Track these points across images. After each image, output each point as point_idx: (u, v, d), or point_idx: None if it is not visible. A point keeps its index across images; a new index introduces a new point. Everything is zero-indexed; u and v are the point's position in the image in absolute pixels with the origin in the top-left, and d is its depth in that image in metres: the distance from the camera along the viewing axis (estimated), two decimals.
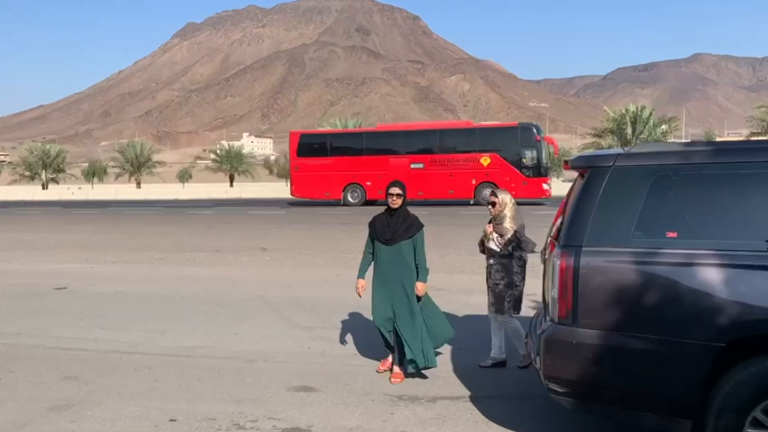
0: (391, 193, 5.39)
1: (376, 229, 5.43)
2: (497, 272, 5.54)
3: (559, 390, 3.70)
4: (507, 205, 5.56)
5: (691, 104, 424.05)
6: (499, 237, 5.53)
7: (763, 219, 3.38)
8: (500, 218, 5.55)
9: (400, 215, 5.39)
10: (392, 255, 5.34)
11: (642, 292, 3.44)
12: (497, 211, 5.56)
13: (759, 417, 3.26)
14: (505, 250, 5.49)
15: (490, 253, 5.61)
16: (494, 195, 5.63)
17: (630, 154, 3.71)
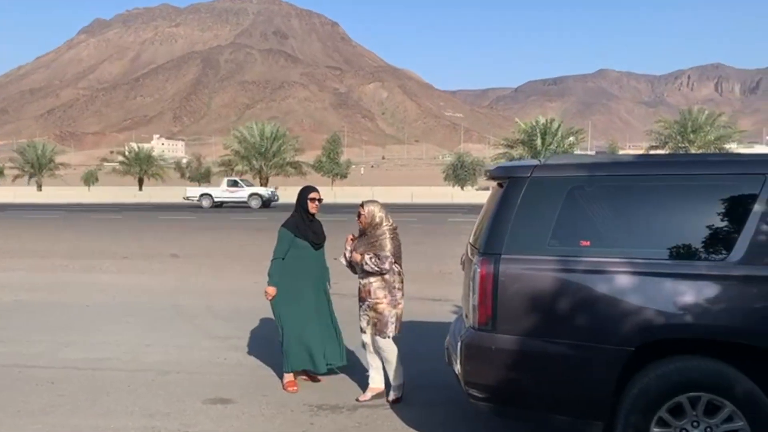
0: (312, 198, 5.44)
1: (304, 234, 5.37)
2: (379, 289, 5.00)
3: (478, 395, 3.76)
4: (375, 216, 5.08)
5: (596, 117, 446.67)
6: (372, 253, 4.97)
7: (665, 229, 3.58)
8: (372, 231, 5.06)
9: (316, 219, 5.50)
10: (317, 259, 5.44)
11: (557, 298, 3.55)
12: (365, 223, 5.08)
13: (664, 417, 3.44)
14: (381, 266, 4.93)
15: (364, 269, 5.04)
16: (362, 206, 5.16)
17: (546, 165, 3.84)
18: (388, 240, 4.98)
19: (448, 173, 47.68)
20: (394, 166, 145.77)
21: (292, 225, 5.42)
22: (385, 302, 4.98)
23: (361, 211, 5.09)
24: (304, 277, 5.36)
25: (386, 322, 4.96)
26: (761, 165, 3.61)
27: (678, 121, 41.27)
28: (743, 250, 3.39)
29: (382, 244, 4.97)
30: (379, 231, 5.02)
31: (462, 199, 39.50)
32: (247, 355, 6.33)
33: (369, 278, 5.03)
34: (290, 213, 5.52)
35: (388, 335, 4.97)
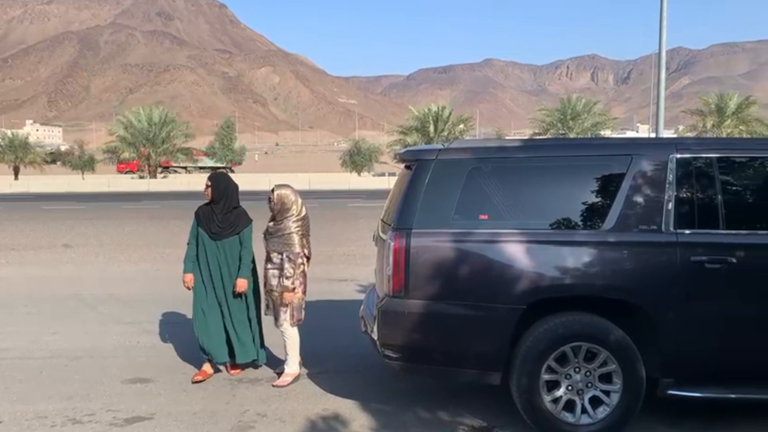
0: (206, 185, 5.19)
1: (204, 222, 5.19)
2: (274, 278, 5.06)
3: (393, 355, 4.18)
4: (286, 202, 5.06)
5: (483, 105, 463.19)
6: (280, 238, 5.03)
7: (550, 203, 4.14)
8: (281, 217, 5.06)
9: (223, 208, 5.15)
10: (218, 250, 5.15)
11: (460, 266, 4.03)
12: (275, 209, 5.08)
13: (552, 365, 4.01)
14: (287, 251, 5.00)
15: (270, 259, 5.10)
16: (272, 191, 5.11)
17: (449, 149, 4.29)
18: (296, 236, 5.00)
19: (345, 159, 48.03)
20: (289, 152, 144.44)
21: (199, 211, 5.28)
22: (281, 289, 5.02)
23: (271, 196, 5.08)
24: (205, 267, 5.17)
25: (279, 312, 5.07)
26: (628, 147, 4.25)
27: (558, 109, 43.93)
28: (614, 220, 4.01)
29: (291, 239, 5.00)
30: (289, 222, 5.01)
31: (360, 185, 40.01)
32: (161, 339, 6.41)
33: (268, 264, 5.10)
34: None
35: (290, 322, 5.05)
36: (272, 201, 5.06)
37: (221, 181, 5.22)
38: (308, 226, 5.17)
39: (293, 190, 5.16)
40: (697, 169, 4.10)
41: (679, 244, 3.96)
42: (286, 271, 4.97)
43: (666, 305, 3.94)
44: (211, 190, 5.13)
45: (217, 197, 5.14)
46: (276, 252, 5.04)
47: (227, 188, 5.21)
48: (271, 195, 5.07)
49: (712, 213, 4.03)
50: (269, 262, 5.09)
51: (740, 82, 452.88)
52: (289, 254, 4.98)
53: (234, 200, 5.22)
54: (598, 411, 4.01)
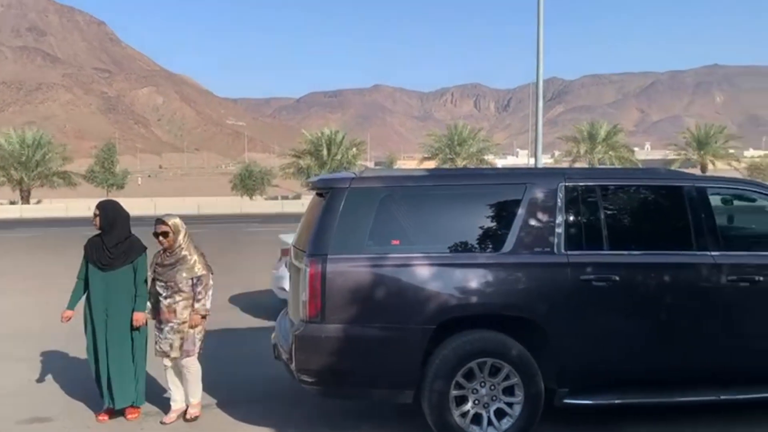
0: (95, 214, 4.92)
1: (90, 253, 4.88)
2: (185, 309, 4.83)
3: (309, 380, 4.28)
4: (181, 230, 4.89)
5: (374, 130, 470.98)
6: (183, 266, 4.84)
7: (455, 228, 4.44)
8: (177, 249, 4.86)
9: (114, 238, 4.84)
10: (108, 282, 4.82)
11: (375, 289, 4.22)
12: (170, 240, 4.84)
13: (460, 381, 4.26)
14: (193, 276, 4.84)
15: (171, 289, 4.83)
16: (163, 223, 4.82)
17: (362, 177, 4.50)
18: (198, 256, 4.87)
19: (236, 183, 47.19)
20: (174, 175, 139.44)
21: (88, 244, 4.94)
22: (191, 321, 4.85)
23: (163, 228, 4.79)
24: (96, 301, 4.84)
25: (193, 341, 4.86)
26: (523, 176, 4.66)
27: (446, 135, 45.70)
28: (512, 243, 4.36)
29: (193, 264, 4.82)
30: (185, 250, 4.83)
31: (252, 209, 39.39)
32: (59, 375, 6.08)
33: (175, 297, 4.83)
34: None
35: (194, 354, 4.88)
36: (169, 233, 4.81)
37: (110, 209, 4.94)
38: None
39: (176, 216, 4.95)
40: (582, 196, 4.55)
41: (570, 264, 4.37)
42: (198, 295, 4.84)
43: (559, 320, 4.32)
44: (100, 219, 4.85)
45: (106, 226, 4.85)
46: (179, 281, 4.81)
47: (117, 216, 4.91)
48: (163, 227, 4.80)
49: (596, 235, 4.49)
50: (176, 294, 4.81)
51: (608, 111, 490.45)
52: (198, 278, 4.85)
53: (125, 229, 4.93)
54: (502, 422, 4.31)
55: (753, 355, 4.58)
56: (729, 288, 4.46)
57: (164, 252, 4.90)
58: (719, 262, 4.46)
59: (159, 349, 4.89)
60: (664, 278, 4.44)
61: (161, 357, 4.91)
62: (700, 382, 4.56)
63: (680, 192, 4.64)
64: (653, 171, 5.19)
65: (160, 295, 4.89)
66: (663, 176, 4.91)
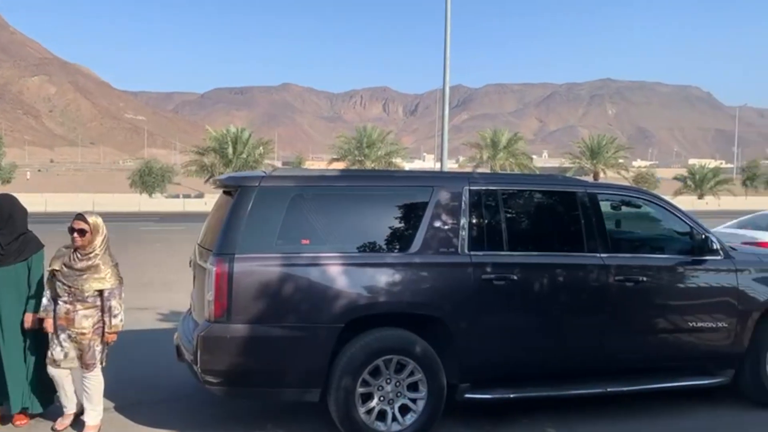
0: None
1: None
2: (85, 318, 4.42)
3: (214, 381, 4.22)
4: (100, 231, 4.50)
5: (282, 129, 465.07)
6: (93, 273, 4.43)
7: (365, 228, 4.52)
8: (91, 250, 4.45)
9: (8, 235, 4.54)
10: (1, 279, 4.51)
11: (283, 289, 4.22)
12: (87, 240, 4.43)
13: (366, 378, 4.34)
14: (106, 287, 4.44)
15: (74, 296, 4.42)
16: (82, 219, 4.41)
17: (272, 176, 4.49)
18: (111, 268, 4.50)
19: (135, 180, 45.19)
20: (67, 170, 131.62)
21: None
22: (92, 332, 4.45)
23: (81, 225, 4.38)
24: None
25: (93, 354, 4.47)
26: (430, 180, 4.81)
27: (355, 137, 45.92)
28: (419, 244, 4.49)
29: (106, 273, 4.44)
30: (100, 258, 4.45)
31: (152, 207, 37.85)
32: None
33: (76, 305, 4.41)
34: None
35: (95, 367, 4.50)
36: (86, 231, 4.38)
37: (5, 204, 4.65)
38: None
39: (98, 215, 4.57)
40: (485, 200, 4.76)
41: (473, 264, 4.55)
42: (113, 310, 4.45)
43: (462, 318, 4.49)
44: None
45: (1, 222, 4.57)
46: (86, 291, 4.41)
47: (14, 211, 4.62)
48: (81, 224, 4.38)
49: (497, 237, 4.70)
50: (78, 303, 4.41)
51: (509, 119, 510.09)
52: (111, 291, 4.45)
53: (21, 225, 4.65)
54: (406, 418, 4.42)
55: (637, 349, 4.95)
56: (616, 287, 4.80)
57: (75, 252, 4.43)
58: (607, 264, 4.80)
59: (50, 356, 4.46)
60: (558, 278, 4.72)
61: (51, 365, 4.48)
62: (590, 376, 4.88)
63: (573, 197, 4.95)
64: (550, 177, 5.49)
65: (59, 297, 4.46)
66: (558, 182, 5.21)
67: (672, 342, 5.01)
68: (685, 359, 5.10)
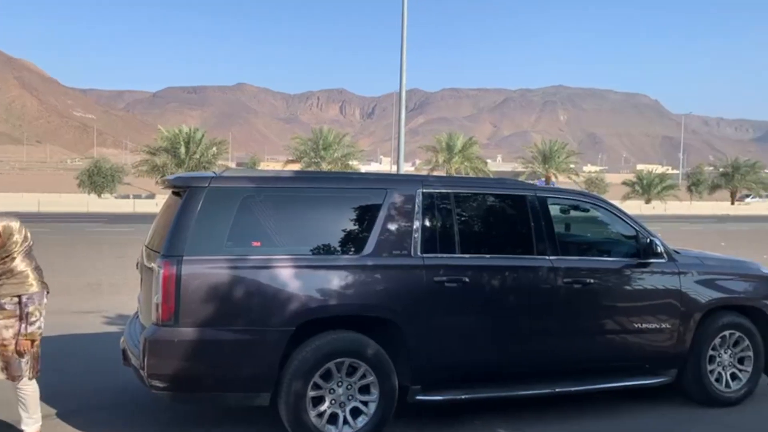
0: None
1: None
2: (6, 328, 4.21)
3: (161, 385, 4.12)
4: (14, 235, 4.25)
5: (236, 129, 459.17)
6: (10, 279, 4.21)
7: (317, 231, 4.49)
8: (5, 253, 4.22)
9: None
10: None
11: (233, 292, 4.15)
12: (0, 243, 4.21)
13: (318, 381, 4.30)
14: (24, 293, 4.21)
15: None
16: None
17: (222, 177, 4.41)
18: (32, 273, 4.25)
19: (83, 180, 43.93)
20: (11, 169, 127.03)
21: None
22: (14, 341, 4.21)
23: None
24: None
25: (19, 365, 4.24)
26: (384, 182, 4.82)
27: (311, 139, 45.68)
28: (372, 246, 4.48)
29: (26, 278, 4.22)
30: (18, 258, 4.23)
31: (101, 208, 36.84)
32: None
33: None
34: None
35: (24, 377, 4.27)
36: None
37: None
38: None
39: (16, 217, 4.35)
40: (438, 202, 4.78)
41: (425, 266, 4.57)
42: (31, 317, 4.20)
43: (415, 320, 4.50)
44: None
45: None
46: (2, 296, 4.20)
47: None
48: None
49: (450, 239, 4.73)
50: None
51: (465, 123, 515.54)
52: (29, 296, 4.22)
53: None
54: (358, 421, 4.40)
55: (585, 350, 5.05)
56: (564, 289, 4.89)
57: None
58: (556, 266, 4.88)
59: None
60: (508, 280, 4.78)
61: None
62: (540, 376, 4.96)
63: (524, 201, 5.02)
64: (501, 181, 5.56)
65: None
66: (509, 186, 5.27)
67: (618, 342, 5.13)
68: (631, 359, 5.23)
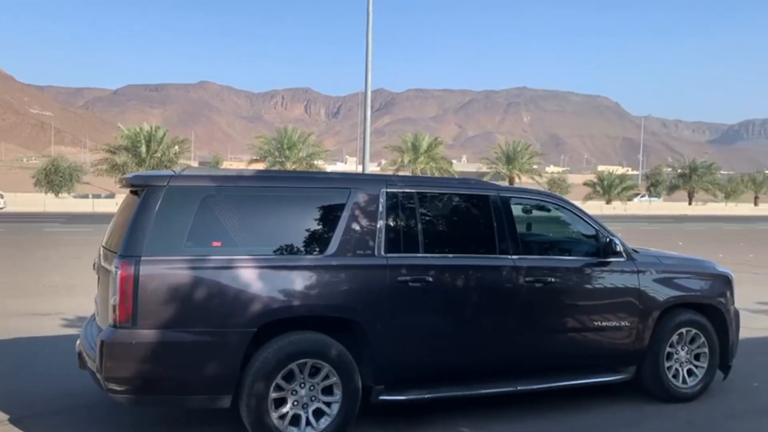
0: None
1: None
2: None
3: (118, 389, 4.01)
4: None
5: (199, 128, 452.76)
6: None
7: (280, 230, 4.44)
8: None
9: None
10: None
11: (193, 293, 4.07)
12: None
13: (280, 383, 4.25)
14: None
15: None
16: None
17: (181, 176, 4.32)
18: None
19: (40, 178, 42.80)
20: None
21: None
22: None
23: None
24: None
25: None
26: (347, 181, 4.78)
27: (275, 138, 45.32)
28: (336, 246, 4.45)
29: None
30: None
31: (58, 207, 35.98)
32: None
33: None
34: None
35: None
36: None
37: None
38: None
39: None
40: (402, 202, 4.77)
41: (389, 266, 4.56)
42: None
43: (378, 320, 4.48)
44: None
45: None
46: None
47: None
48: None
49: (413, 239, 4.73)
50: None
51: (430, 124, 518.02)
52: None
53: None
54: (320, 422, 4.36)
55: (547, 348, 5.10)
56: (526, 288, 4.93)
57: None
58: (518, 265, 4.92)
59: None
60: (471, 279, 4.80)
61: None
62: (502, 375, 4.99)
63: (487, 201, 5.05)
64: (465, 181, 5.58)
65: None
66: (472, 186, 5.29)
67: (579, 340, 5.20)
68: (591, 357, 5.30)
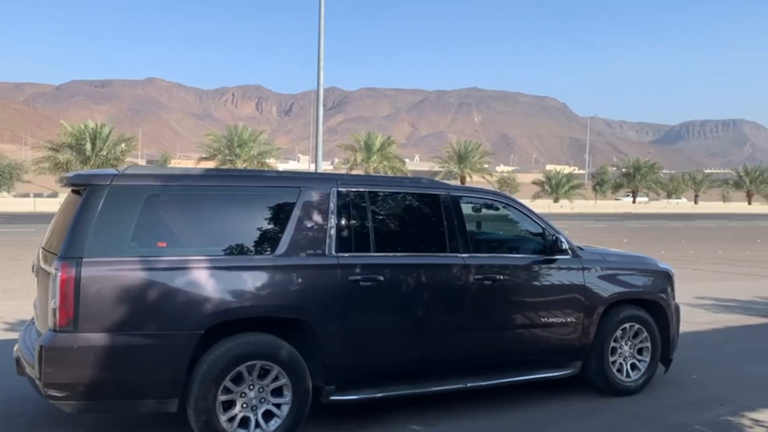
0: None
1: None
2: None
3: (59, 395, 3.87)
4: None
5: (146, 125, 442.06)
6: None
7: (228, 230, 4.36)
8: None
9: None
10: None
11: (138, 295, 3.96)
12: None
13: (228, 385, 4.17)
14: None
15: None
16: None
17: (125, 175, 4.20)
18: None
19: None
20: None
21: None
22: None
23: None
24: None
25: None
26: (298, 180, 4.73)
27: (225, 136, 44.62)
28: (286, 245, 4.40)
29: None
30: None
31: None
32: None
33: None
34: None
35: None
36: None
37: None
38: None
39: None
40: (353, 201, 4.76)
41: (340, 266, 4.53)
42: None
43: (329, 320, 4.45)
44: None
45: None
46: None
47: None
48: None
49: (365, 238, 4.72)
50: None
51: (383, 123, 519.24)
52: None
53: None
54: (270, 424, 4.30)
55: (495, 345, 5.17)
56: (475, 286, 4.99)
57: None
58: (468, 263, 4.97)
59: None
60: (422, 278, 4.82)
61: None
62: (452, 373, 5.03)
63: (437, 200, 5.08)
64: (416, 180, 5.60)
65: None
66: (423, 185, 5.32)
67: (527, 337, 5.29)
68: (539, 353, 5.40)
